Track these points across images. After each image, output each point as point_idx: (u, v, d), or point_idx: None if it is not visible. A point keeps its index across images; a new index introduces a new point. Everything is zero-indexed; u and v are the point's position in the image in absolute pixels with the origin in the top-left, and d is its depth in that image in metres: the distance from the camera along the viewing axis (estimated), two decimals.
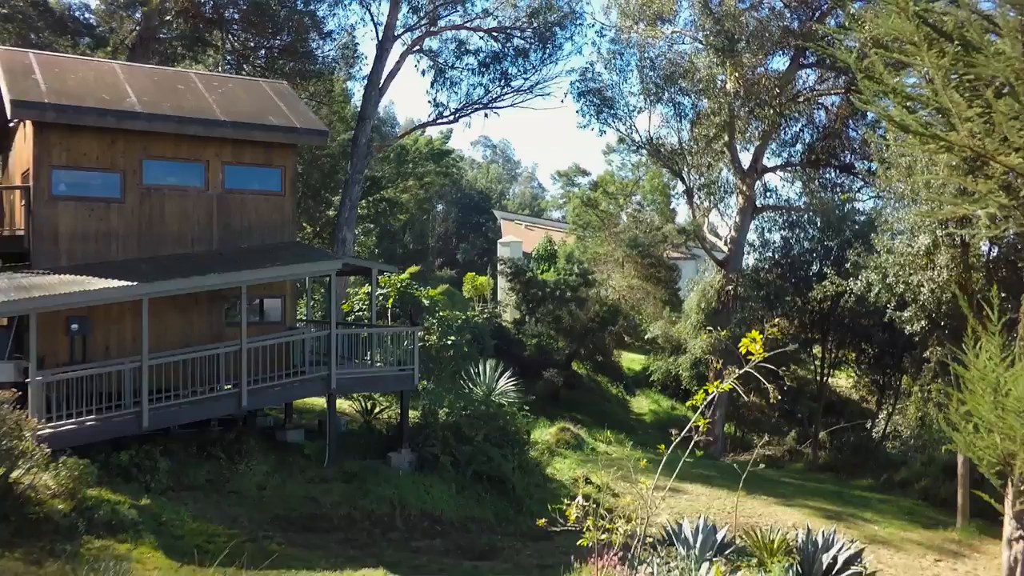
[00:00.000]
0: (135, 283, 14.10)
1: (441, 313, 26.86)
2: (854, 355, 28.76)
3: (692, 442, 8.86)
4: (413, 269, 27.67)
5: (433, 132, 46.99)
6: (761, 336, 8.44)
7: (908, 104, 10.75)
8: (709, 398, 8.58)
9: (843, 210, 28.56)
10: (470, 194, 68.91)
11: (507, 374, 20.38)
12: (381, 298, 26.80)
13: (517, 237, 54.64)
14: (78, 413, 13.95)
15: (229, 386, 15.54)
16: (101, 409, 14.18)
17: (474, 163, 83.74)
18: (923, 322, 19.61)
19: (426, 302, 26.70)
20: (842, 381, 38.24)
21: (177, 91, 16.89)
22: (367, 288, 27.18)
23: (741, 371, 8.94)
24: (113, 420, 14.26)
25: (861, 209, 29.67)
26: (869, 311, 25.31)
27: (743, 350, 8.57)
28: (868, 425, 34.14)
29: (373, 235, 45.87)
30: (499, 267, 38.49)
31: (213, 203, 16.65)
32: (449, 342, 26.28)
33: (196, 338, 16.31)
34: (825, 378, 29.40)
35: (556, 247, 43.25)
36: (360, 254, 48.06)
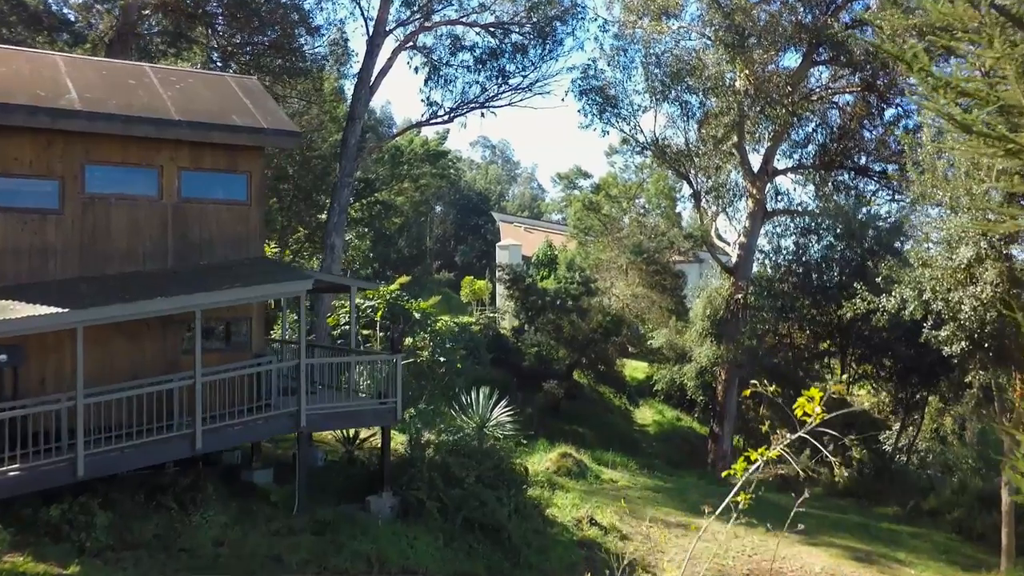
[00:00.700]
0: (66, 310, 11.84)
1: (434, 326, 24.64)
2: (873, 368, 26.38)
3: (732, 519, 6.75)
4: (403, 280, 25.42)
5: (429, 132, 44.77)
6: (821, 394, 6.35)
7: (960, 101, 9.01)
8: (754, 466, 6.44)
9: (864, 215, 26.25)
10: (469, 195, 66.61)
11: (503, 403, 18.04)
12: (370, 311, 24.61)
13: (516, 240, 52.40)
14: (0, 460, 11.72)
15: (183, 424, 13.29)
16: (28, 455, 11.94)
17: (473, 163, 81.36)
18: (963, 343, 17.33)
19: (417, 315, 24.47)
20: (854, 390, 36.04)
21: (127, 87, 14.62)
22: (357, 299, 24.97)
23: (794, 436, 6.81)
24: (42, 469, 11.99)
25: (883, 214, 27.28)
26: (893, 324, 23.03)
27: (799, 412, 6.45)
28: (882, 437, 32.08)
29: (367, 239, 43.59)
30: (497, 274, 36.22)
31: (168, 214, 14.39)
32: (441, 359, 24.10)
33: (148, 368, 14.06)
34: (846, 394, 27.11)
35: (556, 252, 40.98)
36: (354, 258, 45.85)
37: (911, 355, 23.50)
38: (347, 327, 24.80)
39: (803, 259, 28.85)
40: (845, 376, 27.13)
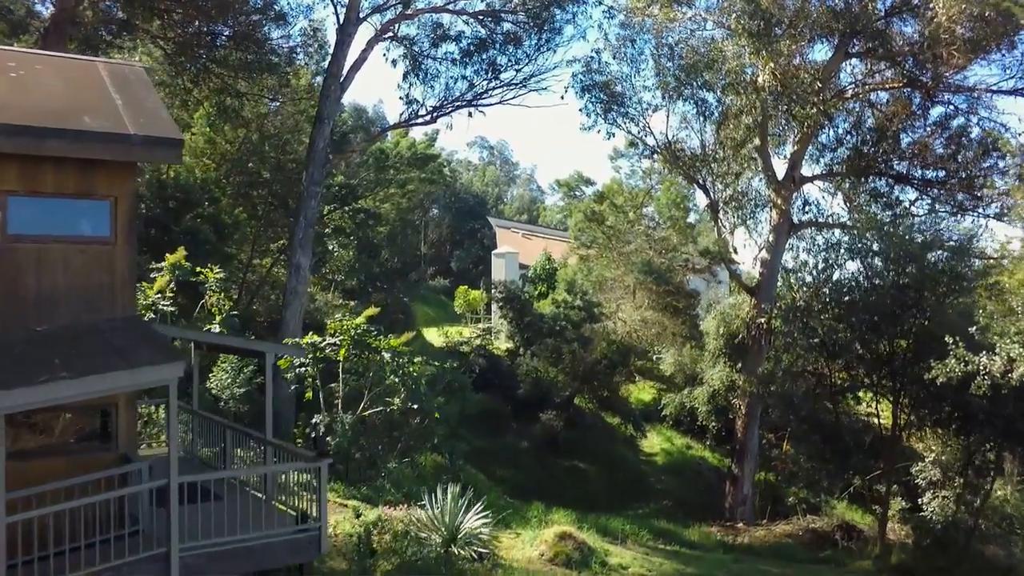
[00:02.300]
0: None
1: (407, 368, 19.74)
2: (930, 415, 21.37)
3: None
4: (371, 312, 20.48)
5: (417, 134, 39.82)
6: None
7: None
8: None
9: (924, 233, 21.29)
10: (465, 198, 61.66)
11: (478, 507, 13.08)
12: (330, 350, 19.72)
13: (513, 247, 47.50)
14: None
15: None
16: None
17: (470, 165, 76.19)
18: None
19: (387, 355, 19.56)
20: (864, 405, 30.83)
21: None
22: (311, 337, 20.06)
23: None
24: None
25: (946, 231, 22.23)
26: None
27: None
28: (914, 470, 27.42)
29: (351, 249, 38.70)
30: (493, 293, 31.30)
31: None
32: (415, 407, 19.26)
33: None
34: (898, 439, 22.18)
35: (556, 265, 36.04)
36: (338, 269, 41.01)
37: (983, 404, 18.53)
38: (302, 370, 19.95)
39: (839, 281, 23.88)
40: (899, 423, 22.16)
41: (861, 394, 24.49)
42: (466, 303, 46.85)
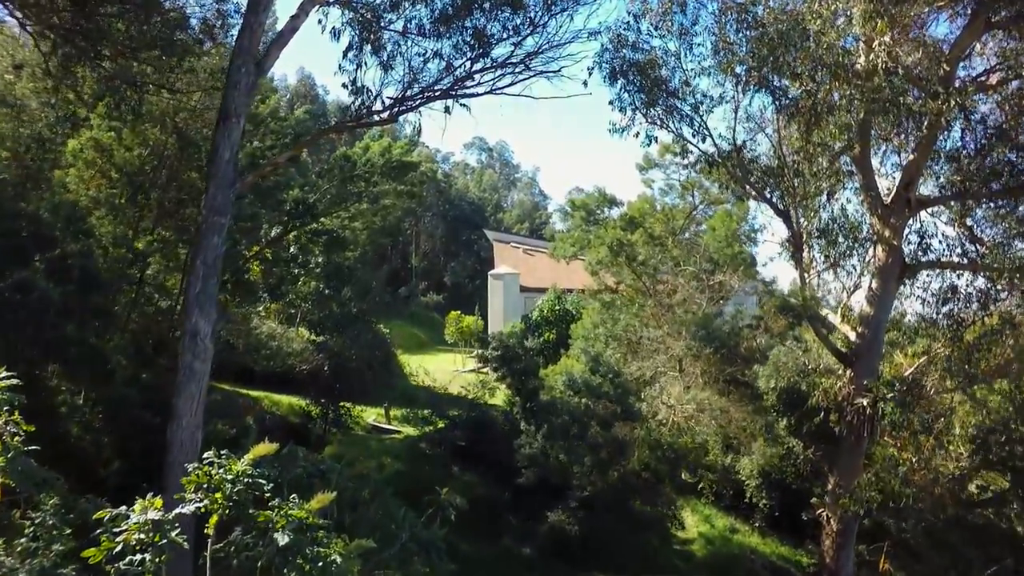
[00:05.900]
0: None
1: (323, 552, 10.30)
2: None
3: None
4: (261, 450, 11.09)
5: (394, 135, 30.13)
6: None
7: None
8: None
9: None
10: (460, 205, 51.90)
11: None
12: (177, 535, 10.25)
13: (513, 267, 37.97)
14: None
15: None
16: None
17: (467, 168, 66.10)
18: None
19: (287, 537, 10.13)
20: None
21: None
22: (151, 502, 10.72)
23: None
24: None
25: None
26: None
27: None
28: None
29: (315, 277, 29.24)
30: (487, 350, 21.69)
31: None
32: None
33: None
34: None
35: (569, 307, 26.46)
36: (303, 296, 31.56)
37: None
38: (138, 560, 10.49)
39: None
40: None
41: None
42: (458, 331, 37.54)
